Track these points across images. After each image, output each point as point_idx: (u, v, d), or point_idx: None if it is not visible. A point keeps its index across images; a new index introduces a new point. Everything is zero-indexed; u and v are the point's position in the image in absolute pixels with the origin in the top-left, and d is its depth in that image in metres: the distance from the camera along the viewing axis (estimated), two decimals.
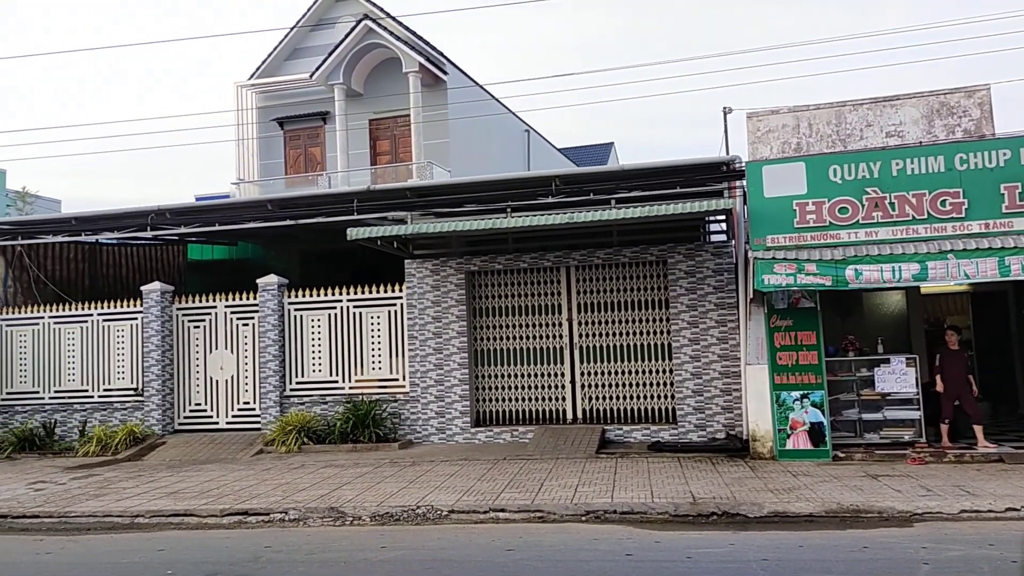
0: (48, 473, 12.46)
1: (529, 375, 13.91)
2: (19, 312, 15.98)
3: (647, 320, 13.58)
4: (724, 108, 14.62)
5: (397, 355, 14.26)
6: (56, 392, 15.63)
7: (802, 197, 11.22)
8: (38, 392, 15.71)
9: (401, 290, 14.26)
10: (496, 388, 14.03)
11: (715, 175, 12.34)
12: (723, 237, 13.81)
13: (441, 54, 22.20)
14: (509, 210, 12.84)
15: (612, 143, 36.94)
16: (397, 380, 14.20)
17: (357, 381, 14.34)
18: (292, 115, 23.41)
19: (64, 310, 15.84)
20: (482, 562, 6.94)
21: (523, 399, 13.91)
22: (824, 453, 10.85)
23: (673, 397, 13.22)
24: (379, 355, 14.35)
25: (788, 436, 10.99)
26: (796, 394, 11.04)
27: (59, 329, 15.76)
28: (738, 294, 12.45)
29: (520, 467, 11.12)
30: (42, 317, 15.87)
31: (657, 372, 13.45)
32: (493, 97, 23.86)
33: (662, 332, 13.45)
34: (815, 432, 10.93)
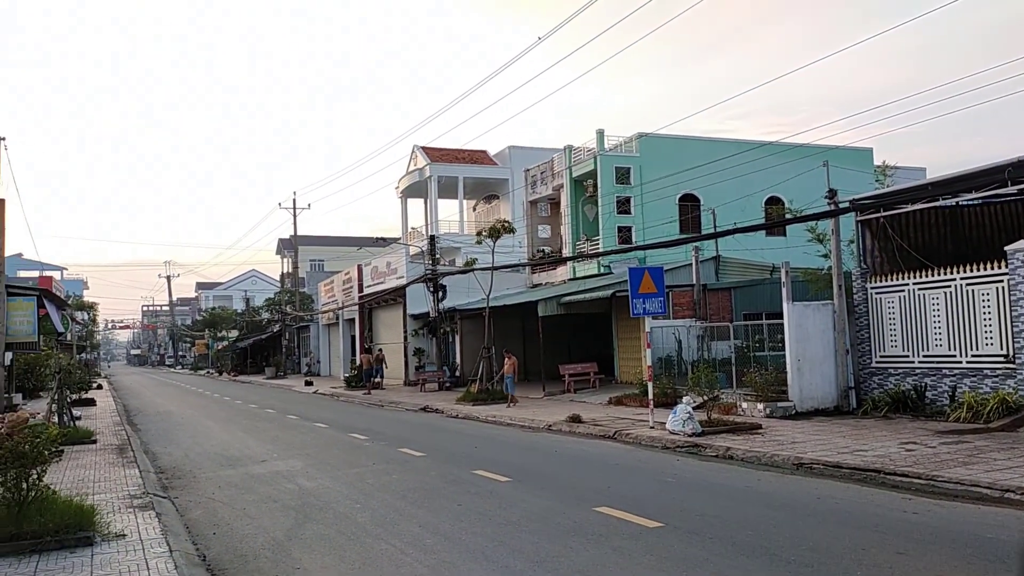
0: (918, 435, 12.84)
1: None
2: (885, 280, 16.92)
3: None
4: None
5: None
6: (924, 357, 15.94)
7: None
8: (907, 356, 16.32)
9: None
10: None
11: None
12: None
13: None
14: None
15: None
16: None
17: None
18: None
19: (926, 276, 16.03)
20: None
21: None
22: None
23: None
24: None
25: None
26: None
27: (922, 295, 16.03)
28: None
29: None
30: (907, 284, 16.42)
31: None
32: None
33: None
34: None
